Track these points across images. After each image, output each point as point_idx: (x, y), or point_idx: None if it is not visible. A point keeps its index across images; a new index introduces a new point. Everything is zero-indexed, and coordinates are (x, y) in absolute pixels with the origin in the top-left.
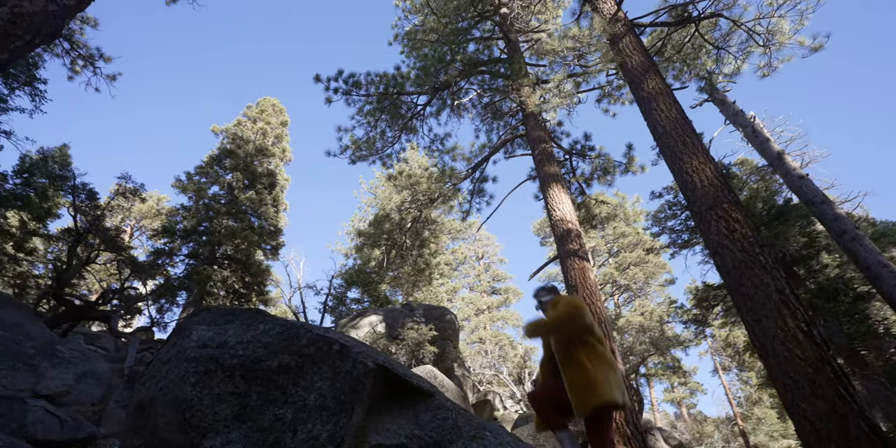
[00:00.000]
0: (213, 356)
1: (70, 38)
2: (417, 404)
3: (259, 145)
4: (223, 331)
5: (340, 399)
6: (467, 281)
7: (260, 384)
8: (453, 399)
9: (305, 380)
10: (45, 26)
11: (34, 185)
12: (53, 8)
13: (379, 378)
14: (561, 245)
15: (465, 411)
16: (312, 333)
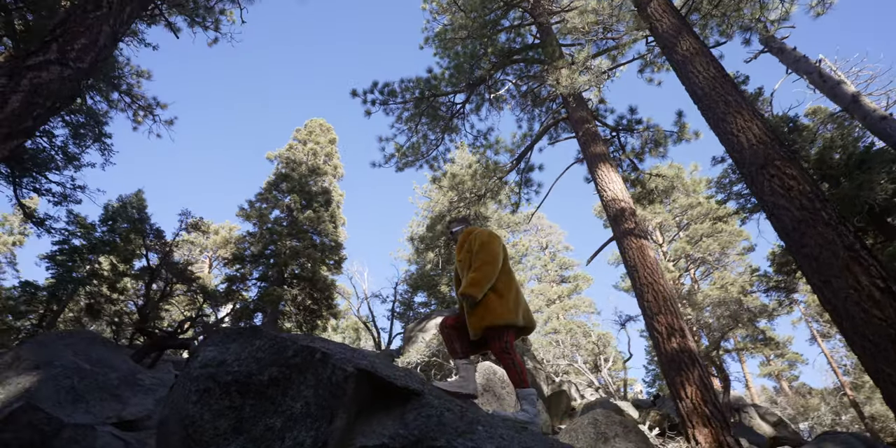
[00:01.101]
0: (211, 374)
1: (130, 93)
2: (406, 404)
3: (311, 165)
4: (225, 350)
5: (322, 405)
6: (534, 272)
7: (253, 397)
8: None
9: (293, 389)
10: (62, 91)
11: (118, 230)
12: (68, 73)
13: (362, 381)
14: (615, 225)
15: (461, 407)
16: (297, 344)
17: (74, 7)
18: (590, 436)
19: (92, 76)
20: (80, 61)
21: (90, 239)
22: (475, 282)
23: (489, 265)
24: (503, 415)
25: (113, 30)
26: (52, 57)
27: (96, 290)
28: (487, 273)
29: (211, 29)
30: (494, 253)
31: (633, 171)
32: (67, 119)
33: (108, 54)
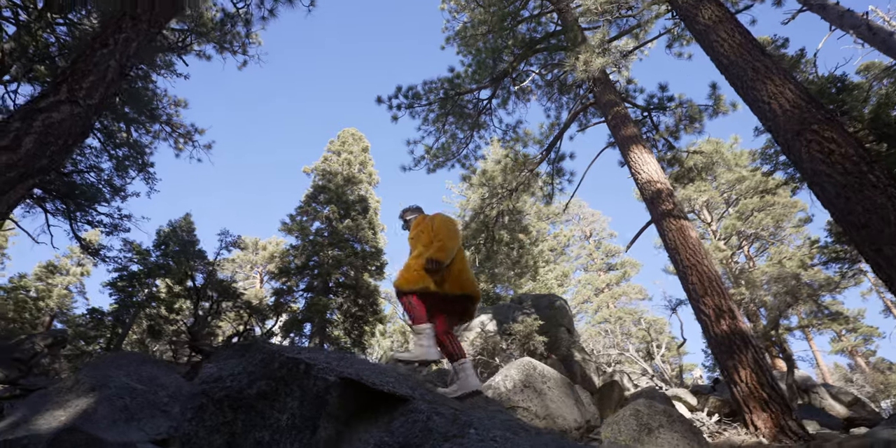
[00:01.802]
0: (205, 391)
1: (169, 122)
2: (395, 411)
3: (346, 175)
4: (224, 366)
5: (306, 416)
6: (580, 262)
7: (244, 411)
8: (560, 388)
9: (280, 402)
10: (74, 128)
11: (170, 253)
12: (78, 110)
13: (347, 390)
14: (653, 208)
15: (456, 410)
16: (283, 357)
17: (84, 47)
18: (632, 428)
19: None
20: (90, 98)
21: (146, 264)
22: (443, 248)
23: (451, 240)
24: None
25: (119, 64)
26: (63, 97)
27: (155, 312)
28: (450, 245)
29: (239, 53)
30: (455, 230)
31: (668, 150)
32: (112, 153)
33: (116, 88)
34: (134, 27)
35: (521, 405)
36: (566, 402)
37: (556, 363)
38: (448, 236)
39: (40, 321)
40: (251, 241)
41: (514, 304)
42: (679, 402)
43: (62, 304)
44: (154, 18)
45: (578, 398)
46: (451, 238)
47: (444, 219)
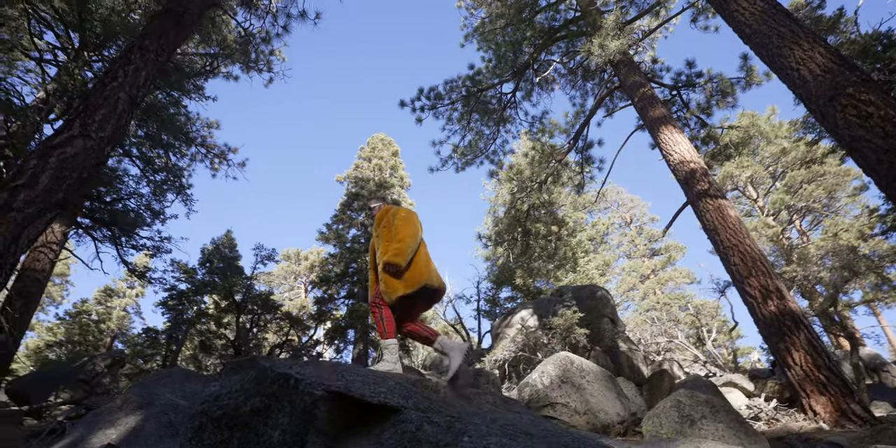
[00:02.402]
0: (204, 410)
1: (204, 144)
2: (385, 422)
3: (378, 180)
4: (225, 384)
5: (295, 432)
6: (622, 250)
7: (240, 429)
8: (600, 381)
9: (272, 419)
10: (87, 161)
11: (214, 270)
12: (90, 144)
13: (335, 404)
14: (687, 189)
15: (451, 418)
16: (275, 372)
17: (96, 82)
18: (673, 420)
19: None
20: (102, 130)
21: (193, 282)
22: (400, 251)
23: (412, 238)
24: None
25: (130, 95)
26: (76, 132)
27: (205, 328)
28: (410, 245)
29: (265, 71)
30: (414, 227)
31: (701, 128)
32: (151, 178)
33: (128, 118)
34: (143, 57)
35: (560, 401)
36: (607, 396)
37: (601, 355)
38: (407, 235)
39: (102, 343)
40: (293, 252)
41: (555, 298)
42: (734, 388)
43: (121, 325)
44: (161, 47)
45: (620, 391)
46: (411, 236)
47: (404, 215)
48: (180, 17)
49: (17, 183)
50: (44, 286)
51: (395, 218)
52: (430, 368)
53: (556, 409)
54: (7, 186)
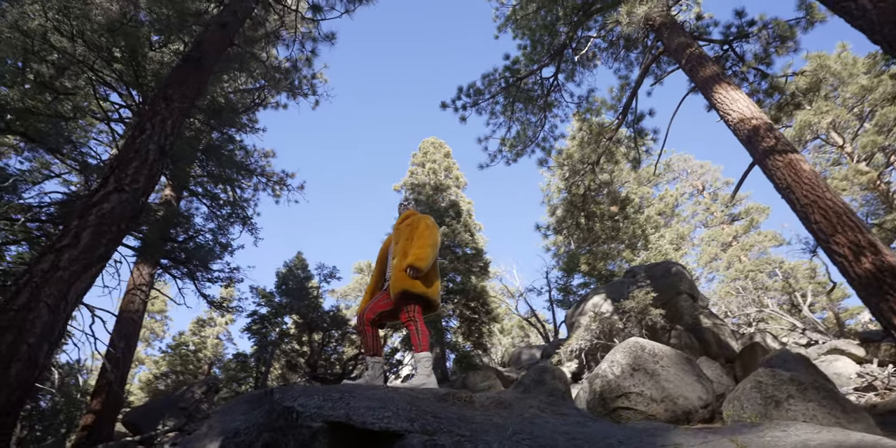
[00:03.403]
0: (222, 446)
1: (263, 173)
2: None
3: (434, 184)
4: (245, 419)
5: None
6: (698, 219)
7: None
8: (676, 365)
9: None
10: (124, 213)
11: (289, 291)
12: (125, 197)
13: (336, 434)
14: (752, 148)
15: (461, 437)
16: (281, 406)
17: (127, 137)
18: (755, 402)
19: (149, 191)
20: (135, 183)
21: (272, 305)
22: (423, 257)
23: (433, 248)
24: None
25: (159, 145)
26: (111, 187)
27: (289, 348)
28: (432, 253)
29: (310, 94)
30: (437, 238)
31: (761, 80)
32: (218, 213)
33: (159, 167)
34: (167, 107)
35: (633, 391)
36: (685, 380)
37: (683, 334)
38: (429, 244)
39: (201, 370)
40: (364, 264)
41: (628, 279)
42: (841, 355)
43: (216, 352)
44: (184, 94)
45: (701, 373)
46: (433, 246)
47: (431, 224)
48: (198, 62)
49: (62, 244)
50: (139, 325)
51: (420, 222)
52: (508, 364)
53: (630, 399)
54: (54, 248)
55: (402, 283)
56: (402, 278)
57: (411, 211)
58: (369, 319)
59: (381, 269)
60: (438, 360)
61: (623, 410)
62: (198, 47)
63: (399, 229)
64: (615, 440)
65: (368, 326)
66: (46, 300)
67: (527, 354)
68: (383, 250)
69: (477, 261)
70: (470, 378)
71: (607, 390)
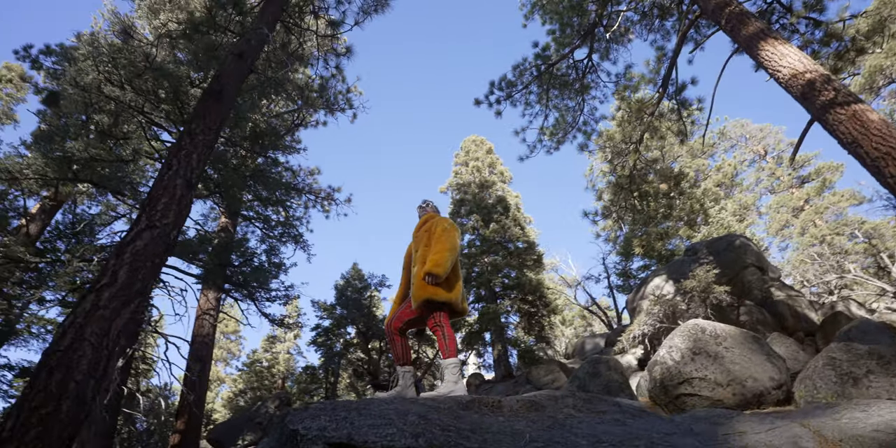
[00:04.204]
0: None
1: (311, 191)
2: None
3: (479, 182)
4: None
5: None
6: (762, 186)
7: None
8: (742, 345)
9: None
10: (157, 248)
11: (348, 303)
12: (157, 232)
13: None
14: (808, 104)
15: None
16: (288, 429)
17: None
18: (830, 380)
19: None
20: (165, 217)
21: (334, 317)
22: (440, 263)
23: (451, 252)
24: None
25: (186, 180)
26: (143, 225)
27: (354, 357)
28: (450, 258)
29: (347, 109)
30: (455, 242)
31: (814, 28)
32: (270, 234)
33: (188, 201)
34: (192, 141)
35: (696, 376)
36: (753, 360)
37: (753, 310)
38: (446, 248)
39: (276, 385)
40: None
41: (688, 257)
42: None
43: (288, 366)
44: (207, 127)
45: (771, 352)
46: (450, 249)
47: (447, 226)
48: (218, 94)
49: (101, 283)
50: (212, 348)
51: (437, 226)
52: (572, 356)
53: (693, 385)
54: (95, 288)
55: (423, 292)
56: (424, 287)
57: (430, 214)
58: (397, 328)
59: (406, 277)
60: (501, 357)
61: (687, 397)
62: (217, 80)
63: (418, 236)
64: (647, 441)
65: (397, 335)
66: (90, 339)
67: (590, 344)
68: (407, 258)
69: (530, 254)
70: (533, 372)
71: (668, 377)
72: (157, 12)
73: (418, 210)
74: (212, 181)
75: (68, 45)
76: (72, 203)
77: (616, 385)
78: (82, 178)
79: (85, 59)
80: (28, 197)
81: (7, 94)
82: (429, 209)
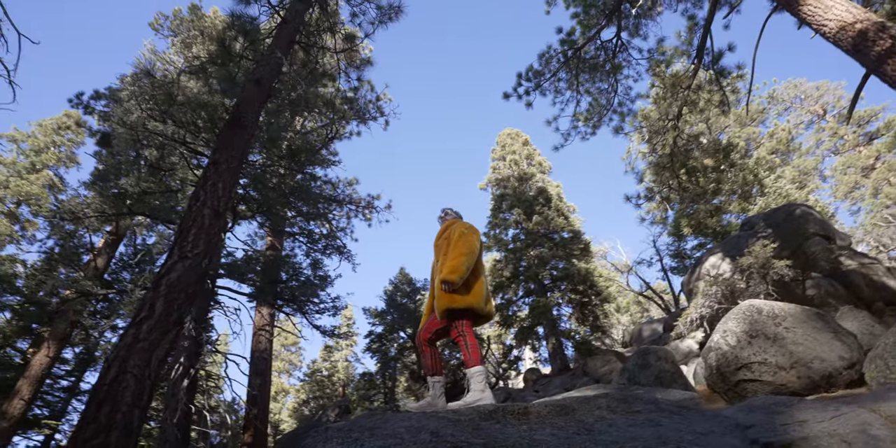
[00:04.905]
0: None
1: (351, 201)
2: None
3: (518, 175)
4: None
5: None
6: (825, 148)
7: None
8: (805, 323)
9: None
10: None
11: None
12: (189, 263)
13: None
14: (862, 56)
15: None
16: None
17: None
18: None
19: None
20: (196, 248)
21: (386, 323)
22: (455, 269)
23: (467, 256)
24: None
25: (213, 209)
26: (176, 257)
27: (410, 360)
28: (465, 262)
29: (378, 117)
30: (472, 245)
31: None
32: (314, 248)
33: (217, 229)
34: (216, 171)
35: (755, 360)
36: (819, 339)
37: (821, 282)
38: (461, 253)
39: (337, 393)
40: None
41: (744, 232)
42: None
43: (347, 373)
44: (230, 156)
45: (839, 329)
46: (466, 254)
47: (464, 231)
48: (238, 122)
49: (140, 316)
50: (270, 362)
51: (454, 232)
52: (630, 344)
53: (752, 370)
54: (135, 321)
55: (443, 301)
56: (443, 296)
57: (450, 221)
58: (426, 339)
59: (433, 287)
60: (556, 350)
61: (747, 383)
62: (237, 108)
63: (438, 245)
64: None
65: (426, 346)
66: (132, 370)
67: (647, 330)
68: (433, 268)
69: (576, 243)
70: (589, 364)
71: (724, 364)
72: (190, 46)
73: (439, 220)
74: (255, 202)
75: (115, 87)
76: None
77: (668, 376)
78: (136, 211)
79: (129, 99)
80: (93, 233)
81: (69, 140)
82: (448, 218)
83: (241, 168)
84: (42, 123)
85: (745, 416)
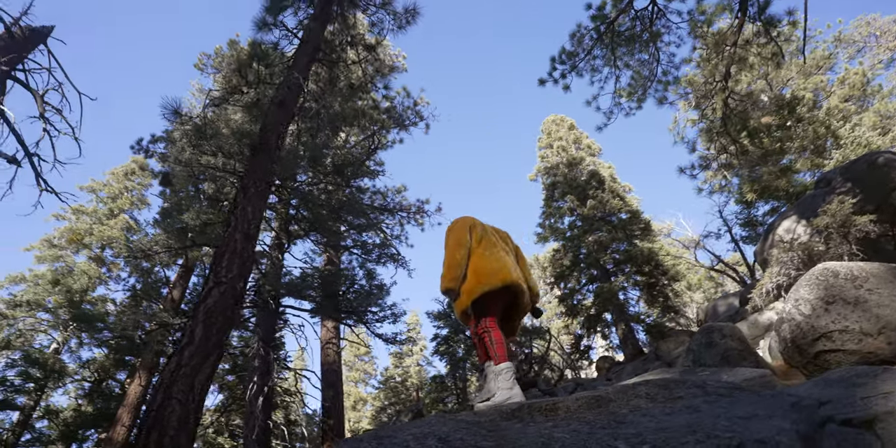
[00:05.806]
0: None
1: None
2: None
3: (567, 161)
4: None
5: None
6: None
7: None
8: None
9: None
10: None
11: None
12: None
13: None
14: None
15: None
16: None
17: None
18: None
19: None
20: (230, 272)
21: (450, 324)
22: (444, 275)
23: (451, 254)
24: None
25: (244, 233)
26: (212, 283)
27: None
28: (452, 264)
29: (419, 121)
30: (457, 236)
31: None
32: (368, 258)
33: (249, 252)
34: (245, 197)
35: (834, 329)
36: None
37: None
38: (450, 252)
39: (411, 398)
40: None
41: (820, 190)
42: None
43: (420, 377)
44: (257, 181)
45: None
46: (450, 255)
47: (449, 227)
48: (262, 146)
49: (182, 343)
50: (340, 373)
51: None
52: (705, 322)
53: (832, 339)
54: (177, 350)
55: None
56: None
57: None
58: (474, 338)
59: None
60: (626, 335)
61: (828, 354)
62: (262, 132)
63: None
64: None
65: (476, 338)
66: (177, 396)
67: (723, 305)
68: None
69: (636, 224)
70: (661, 347)
71: (799, 335)
72: (230, 79)
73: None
74: (306, 221)
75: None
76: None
77: (735, 353)
78: (200, 243)
79: (181, 139)
80: (167, 268)
81: (138, 183)
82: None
83: (269, 190)
84: (114, 171)
85: (822, 391)
